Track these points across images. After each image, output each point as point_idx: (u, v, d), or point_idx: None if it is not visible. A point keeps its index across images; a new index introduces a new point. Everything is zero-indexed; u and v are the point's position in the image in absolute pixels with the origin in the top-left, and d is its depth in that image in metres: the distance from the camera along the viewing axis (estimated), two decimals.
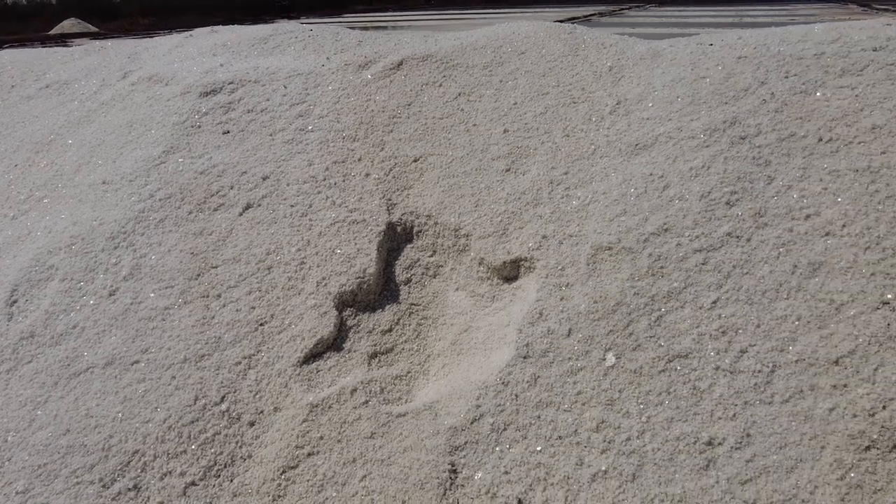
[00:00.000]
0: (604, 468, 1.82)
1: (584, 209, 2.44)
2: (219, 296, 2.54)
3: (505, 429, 1.97)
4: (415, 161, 2.89)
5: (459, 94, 3.10)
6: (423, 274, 2.66)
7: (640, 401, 1.92)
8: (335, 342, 2.41)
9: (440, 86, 3.17)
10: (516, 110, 2.93)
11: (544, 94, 2.96)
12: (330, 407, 2.17)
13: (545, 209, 2.50)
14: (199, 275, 2.61)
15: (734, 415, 1.82)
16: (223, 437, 2.13)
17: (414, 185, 2.82)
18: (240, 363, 2.32)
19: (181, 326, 2.44)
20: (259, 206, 2.83)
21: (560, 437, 1.91)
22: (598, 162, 2.58)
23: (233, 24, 5.02)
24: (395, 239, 2.73)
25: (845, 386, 1.78)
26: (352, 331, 2.45)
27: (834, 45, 2.63)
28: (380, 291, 2.61)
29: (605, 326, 2.09)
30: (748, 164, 2.32)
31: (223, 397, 2.23)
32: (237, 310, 2.49)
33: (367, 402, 2.17)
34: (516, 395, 2.03)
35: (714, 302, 2.04)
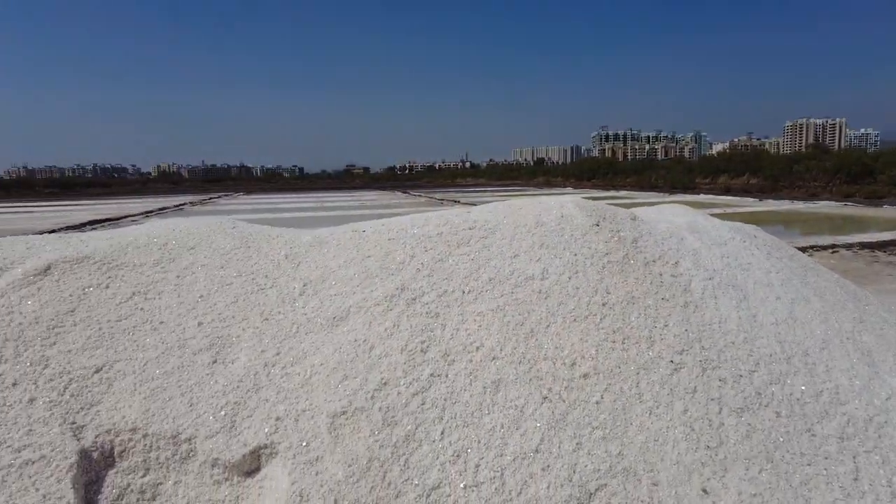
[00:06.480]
0: None
1: (308, 383, 2.59)
2: None
3: None
4: (97, 372, 2.53)
5: (134, 294, 2.91)
6: (138, 500, 2.27)
7: None
8: None
9: (107, 287, 2.91)
10: (204, 302, 2.93)
11: (229, 285, 3.06)
12: None
13: (269, 392, 2.54)
14: None
15: None
16: None
17: (103, 399, 2.45)
18: None
19: None
20: None
21: None
22: (306, 338, 2.80)
23: None
24: (92, 468, 2.28)
25: (549, 466, 2.36)
26: None
27: (446, 227, 3.61)
28: None
29: (366, 485, 2.23)
30: (425, 319, 2.92)
31: None
32: None
33: None
34: None
35: (442, 433, 2.43)
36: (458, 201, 33.29)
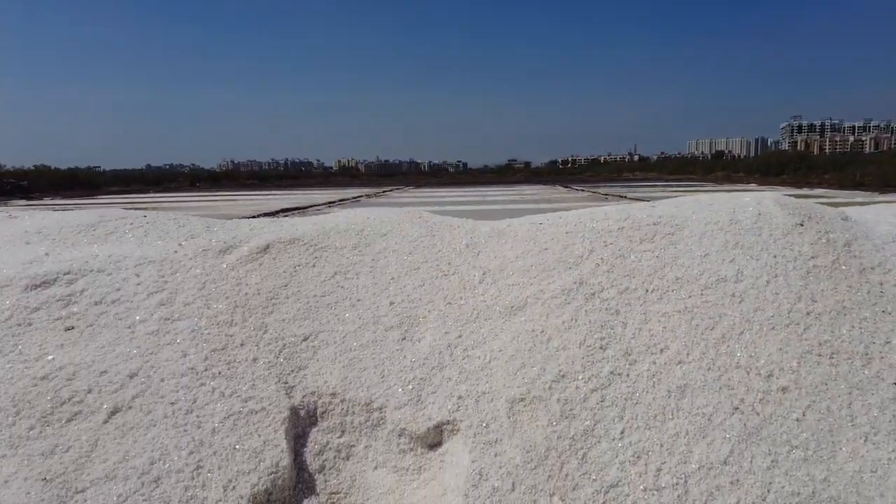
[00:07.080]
0: None
1: (488, 367, 2.68)
2: None
3: None
4: (305, 340, 2.86)
5: (336, 273, 3.24)
6: (335, 457, 2.54)
7: None
8: None
9: (314, 266, 3.28)
10: (395, 284, 3.17)
11: (416, 269, 3.27)
12: None
13: (452, 371, 2.68)
14: None
15: None
16: None
17: (309, 365, 2.77)
18: None
19: None
20: (130, 408, 2.46)
21: None
22: (485, 324, 2.90)
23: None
24: (300, 424, 2.59)
25: (738, 480, 2.20)
26: None
27: (627, 222, 3.49)
28: (294, 485, 2.40)
29: (543, 473, 2.26)
30: (604, 315, 2.86)
31: None
32: None
33: None
34: None
35: (622, 432, 2.38)
36: (624, 196, 31.93)
